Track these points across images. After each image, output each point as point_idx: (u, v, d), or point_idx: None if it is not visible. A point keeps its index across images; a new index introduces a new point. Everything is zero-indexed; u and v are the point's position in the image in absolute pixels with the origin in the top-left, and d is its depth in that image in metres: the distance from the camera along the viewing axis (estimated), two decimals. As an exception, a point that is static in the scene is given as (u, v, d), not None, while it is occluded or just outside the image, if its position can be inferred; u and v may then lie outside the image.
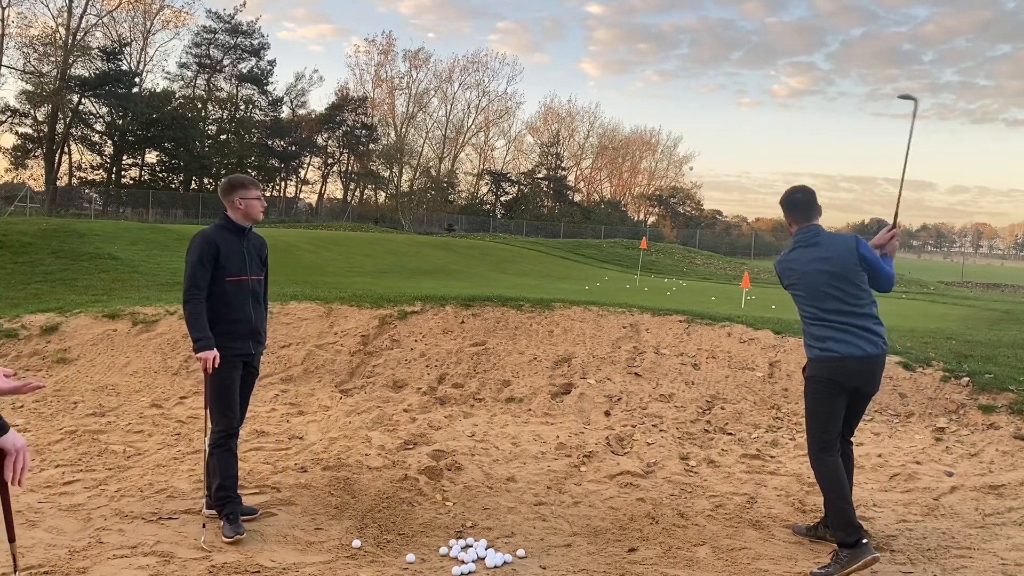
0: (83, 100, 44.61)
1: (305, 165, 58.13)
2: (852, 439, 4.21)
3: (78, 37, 43.03)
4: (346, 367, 7.36)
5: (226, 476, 3.99)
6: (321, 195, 60.43)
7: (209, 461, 4.06)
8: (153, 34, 48.88)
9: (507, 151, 69.43)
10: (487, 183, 67.47)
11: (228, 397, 4.03)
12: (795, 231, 4.04)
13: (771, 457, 5.53)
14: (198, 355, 3.85)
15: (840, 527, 3.68)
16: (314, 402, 6.65)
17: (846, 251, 3.89)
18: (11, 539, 2.14)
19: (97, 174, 48.44)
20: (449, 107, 64.80)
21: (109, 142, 47.22)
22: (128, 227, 21.12)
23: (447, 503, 4.51)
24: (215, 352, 3.86)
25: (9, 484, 2.04)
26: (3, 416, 1.98)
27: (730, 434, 6.04)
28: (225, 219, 4.14)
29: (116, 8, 44.85)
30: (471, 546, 3.83)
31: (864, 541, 3.62)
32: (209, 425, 4.09)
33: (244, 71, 51.30)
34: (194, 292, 3.92)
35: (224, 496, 3.96)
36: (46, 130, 43.47)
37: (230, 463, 4.03)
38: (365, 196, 62.58)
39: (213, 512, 4.04)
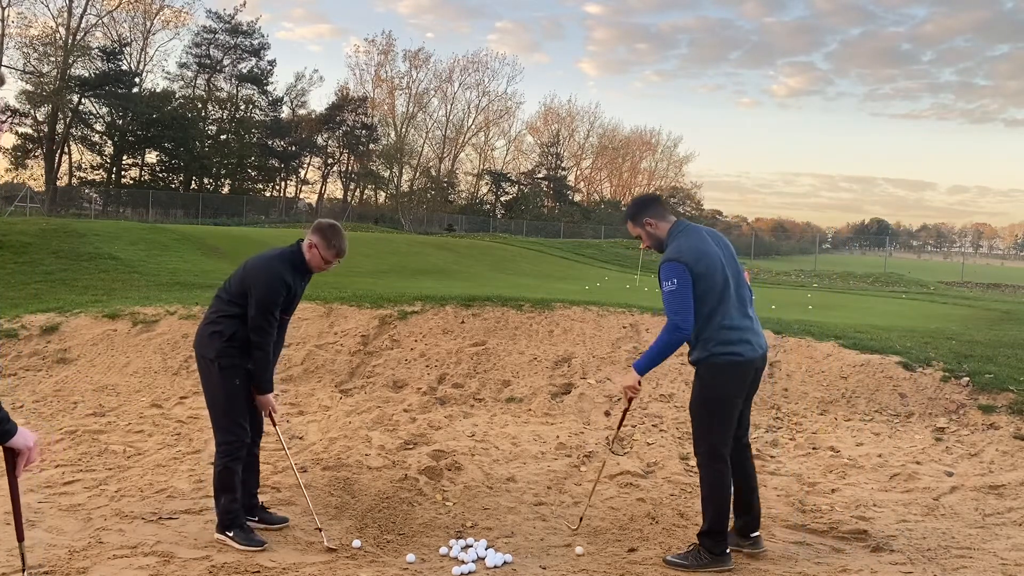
0: (83, 100, 44.58)
1: (305, 165, 58.12)
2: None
3: (78, 37, 43.01)
4: (346, 367, 7.36)
5: (234, 490, 3.81)
6: (321, 195, 60.43)
7: (220, 477, 3.82)
8: (153, 34, 48.86)
9: (507, 151, 69.44)
10: (487, 183, 67.46)
11: (242, 407, 3.86)
12: (674, 223, 3.83)
13: (771, 457, 5.54)
14: (264, 397, 3.88)
15: (720, 532, 3.69)
16: (314, 402, 6.65)
17: None
18: (20, 539, 2.15)
19: (97, 174, 48.43)
20: (449, 107, 64.79)
21: (109, 142, 47.21)
22: (128, 227, 21.12)
23: (447, 503, 4.51)
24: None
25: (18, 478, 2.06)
26: (10, 415, 1.99)
27: (730, 434, 6.04)
28: (300, 256, 3.89)
29: (116, 8, 44.84)
30: (471, 546, 3.83)
31: (729, 551, 3.70)
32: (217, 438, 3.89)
33: (244, 71, 51.27)
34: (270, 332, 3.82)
35: (236, 510, 3.79)
36: (46, 130, 43.45)
37: (235, 479, 3.83)
38: (365, 196, 62.56)
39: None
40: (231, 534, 3.75)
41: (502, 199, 67.58)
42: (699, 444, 3.81)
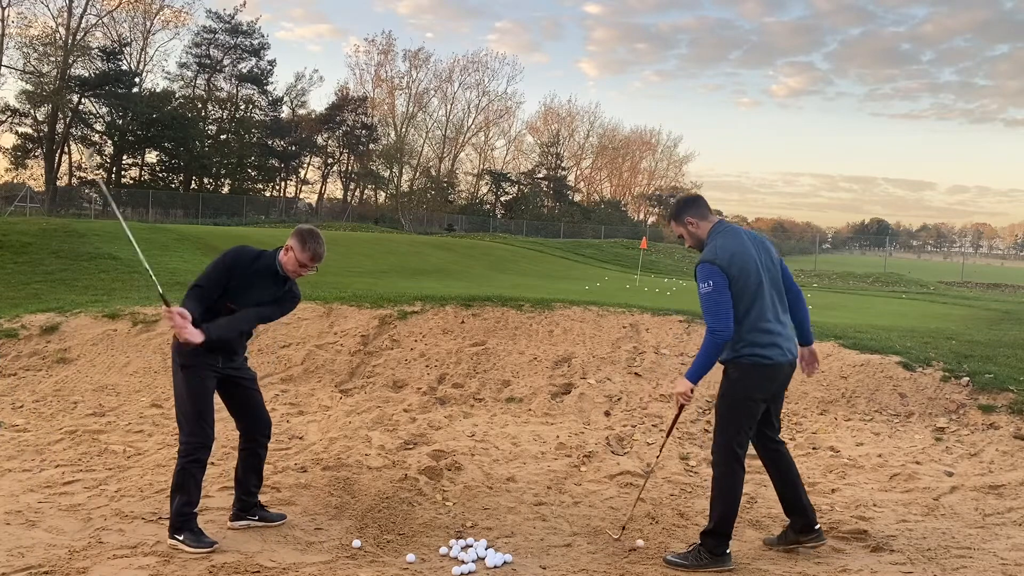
0: (83, 100, 44.60)
1: (305, 165, 58.13)
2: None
3: (78, 37, 43.01)
4: (346, 367, 7.36)
5: (189, 493, 3.73)
6: (321, 195, 60.48)
7: (178, 477, 3.74)
8: (153, 34, 48.88)
9: (507, 151, 69.50)
10: (487, 183, 67.47)
11: (206, 409, 3.79)
12: (714, 224, 3.87)
13: (771, 457, 5.53)
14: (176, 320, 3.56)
15: (724, 535, 3.72)
16: (314, 402, 6.65)
17: None
18: None
19: (97, 174, 48.38)
20: (449, 107, 64.76)
21: (109, 142, 47.22)
22: (128, 227, 21.09)
23: (447, 503, 4.51)
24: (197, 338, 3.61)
25: None
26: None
27: (730, 434, 6.04)
28: (272, 257, 3.87)
29: (116, 8, 44.86)
30: (471, 546, 3.83)
31: (729, 552, 3.72)
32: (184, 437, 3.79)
33: (244, 71, 51.28)
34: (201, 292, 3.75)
35: (188, 514, 3.73)
36: (46, 130, 43.48)
37: (193, 481, 3.75)
38: (365, 196, 62.58)
39: (245, 523, 3.99)
40: (181, 538, 3.68)
41: (502, 199, 67.58)
42: (717, 441, 3.82)
